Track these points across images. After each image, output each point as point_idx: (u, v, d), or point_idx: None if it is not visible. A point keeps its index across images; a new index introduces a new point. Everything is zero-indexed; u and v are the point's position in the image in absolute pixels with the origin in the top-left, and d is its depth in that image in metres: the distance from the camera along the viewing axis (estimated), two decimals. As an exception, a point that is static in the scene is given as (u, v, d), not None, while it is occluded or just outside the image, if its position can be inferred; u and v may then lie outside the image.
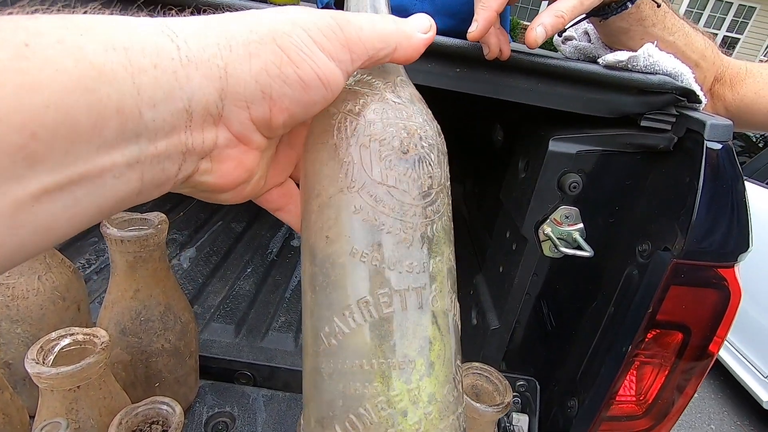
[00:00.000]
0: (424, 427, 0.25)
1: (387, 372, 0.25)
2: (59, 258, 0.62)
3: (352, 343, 0.26)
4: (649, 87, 0.57)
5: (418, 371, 0.26)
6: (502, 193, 0.84)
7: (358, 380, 0.25)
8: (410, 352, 0.25)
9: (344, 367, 0.26)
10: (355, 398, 0.25)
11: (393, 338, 0.25)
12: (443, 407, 0.26)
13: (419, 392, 0.25)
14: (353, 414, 0.25)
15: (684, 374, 0.71)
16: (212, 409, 0.72)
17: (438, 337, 0.27)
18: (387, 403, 0.25)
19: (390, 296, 0.25)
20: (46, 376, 0.45)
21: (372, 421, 0.25)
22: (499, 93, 0.60)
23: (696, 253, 0.57)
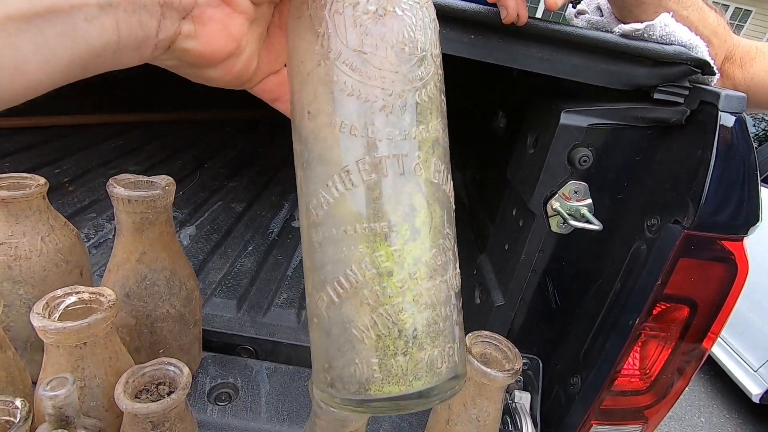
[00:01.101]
0: (408, 286, 0.26)
1: (371, 236, 0.26)
2: (62, 221, 0.61)
3: (337, 211, 0.27)
4: (665, 57, 0.56)
5: (402, 236, 0.26)
6: (509, 171, 0.84)
7: (345, 245, 0.26)
8: (394, 217, 0.26)
9: (332, 234, 0.27)
10: (343, 261, 0.27)
11: (376, 204, 0.26)
12: (429, 270, 0.27)
13: (404, 255, 0.26)
14: (341, 275, 0.27)
15: (685, 356, 0.72)
16: (215, 380, 0.71)
17: (424, 204, 0.27)
18: (372, 264, 0.26)
19: (370, 164, 0.26)
20: (53, 330, 0.44)
21: (358, 280, 0.26)
22: (512, 61, 0.59)
23: (707, 225, 0.57)
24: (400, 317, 0.26)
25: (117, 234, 0.58)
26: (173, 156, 1.54)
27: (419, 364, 0.27)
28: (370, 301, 0.26)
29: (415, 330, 0.26)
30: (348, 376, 0.27)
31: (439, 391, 0.27)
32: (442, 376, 0.27)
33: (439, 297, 0.27)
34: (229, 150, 1.70)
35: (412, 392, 0.27)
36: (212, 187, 1.37)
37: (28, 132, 1.43)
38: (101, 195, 1.17)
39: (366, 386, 0.27)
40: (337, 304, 0.27)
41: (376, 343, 0.26)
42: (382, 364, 0.26)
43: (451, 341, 0.28)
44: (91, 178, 1.26)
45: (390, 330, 0.26)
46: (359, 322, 0.26)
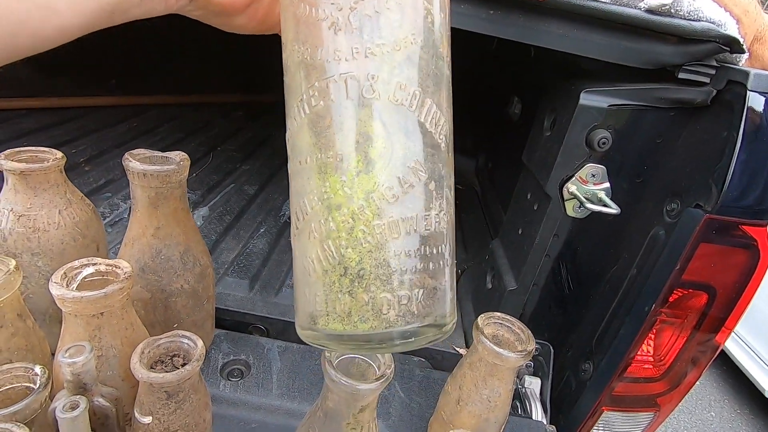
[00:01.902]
0: (355, 222, 0.25)
1: (321, 167, 0.25)
2: (80, 195, 0.61)
3: (297, 142, 0.27)
4: (692, 34, 0.54)
5: (352, 167, 0.25)
6: (525, 154, 0.83)
7: (301, 177, 0.26)
8: (343, 147, 0.25)
9: (295, 166, 0.27)
10: (300, 193, 0.27)
11: (326, 133, 0.25)
12: (382, 207, 0.25)
13: (353, 188, 0.25)
14: (298, 207, 0.27)
15: (700, 345, 0.70)
16: (227, 356, 0.72)
17: (382, 134, 0.25)
18: (319, 196, 0.25)
19: (318, 89, 0.25)
20: (70, 299, 0.45)
21: (308, 213, 0.26)
22: (532, 38, 0.58)
23: (730, 209, 0.56)
24: (345, 254, 0.25)
25: (132, 209, 0.58)
26: (186, 138, 1.55)
27: (364, 306, 0.25)
28: (317, 234, 0.26)
29: (362, 270, 0.25)
30: (301, 307, 0.27)
31: (388, 338, 0.26)
32: (392, 323, 0.25)
33: (394, 237, 0.25)
34: (241, 134, 1.71)
35: (357, 334, 0.25)
36: (225, 169, 1.37)
37: (45, 113, 1.45)
38: (116, 175, 1.19)
39: (314, 319, 0.26)
40: (296, 236, 0.27)
41: (322, 277, 0.26)
42: (327, 299, 0.26)
43: (409, 287, 0.25)
44: (107, 158, 1.27)
45: (334, 266, 0.25)
46: (310, 254, 0.26)
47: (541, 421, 0.74)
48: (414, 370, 0.77)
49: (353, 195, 0.25)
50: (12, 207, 0.55)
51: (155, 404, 0.47)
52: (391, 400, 0.70)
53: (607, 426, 0.75)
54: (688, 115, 0.63)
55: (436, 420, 0.62)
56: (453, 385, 0.58)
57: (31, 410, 0.43)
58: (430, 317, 0.26)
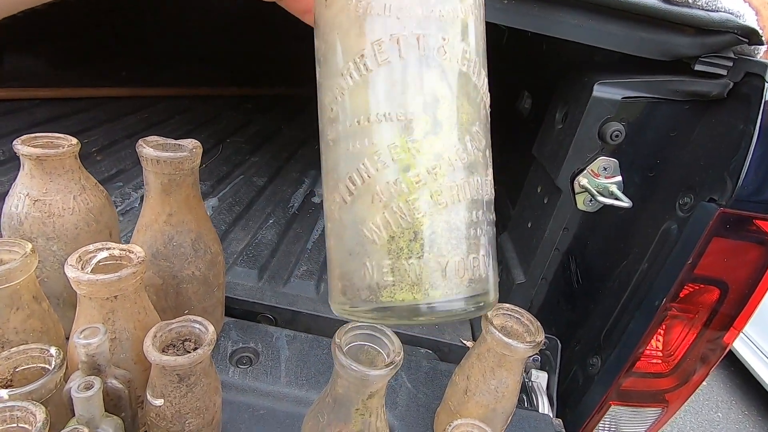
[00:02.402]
0: (425, 182, 0.24)
1: (387, 126, 0.24)
2: (93, 182, 0.62)
3: (352, 101, 0.25)
4: (710, 25, 0.54)
5: (421, 127, 0.24)
6: (536, 147, 0.82)
7: (359, 138, 0.24)
8: (412, 106, 0.24)
9: (345, 128, 0.25)
10: (356, 156, 0.24)
11: (392, 91, 0.24)
12: (451, 167, 0.24)
13: (422, 148, 0.24)
14: (354, 171, 0.25)
15: (710, 343, 0.70)
16: (236, 344, 0.72)
17: (448, 96, 0.24)
18: (386, 156, 0.24)
19: (387, 45, 0.23)
20: (85, 281, 0.45)
21: (371, 175, 0.24)
22: (546, 28, 0.57)
23: (745, 204, 0.55)
24: (416, 216, 0.24)
25: (145, 196, 0.59)
26: (196, 130, 1.56)
27: (436, 271, 0.24)
28: (383, 198, 0.24)
29: (433, 232, 0.24)
30: (359, 280, 0.25)
31: (459, 305, 0.25)
32: (463, 288, 0.24)
33: (462, 199, 0.24)
34: (251, 126, 1.71)
35: (428, 302, 0.24)
36: (235, 161, 1.38)
37: (58, 103, 1.46)
38: (127, 165, 1.20)
39: (377, 292, 0.25)
40: (349, 203, 0.25)
41: (388, 244, 0.24)
42: (394, 267, 0.24)
43: (476, 251, 0.25)
44: (118, 149, 1.28)
45: (404, 230, 0.24)
46: (371, 221, 0.24)
47: (548, 414, 0.74)
48: (421, 362, 0.78)
49: (422, 156, 0.24)
50: (28, 192, 0.56)
51: (167, 387, 0.48)
52: (399, 391, 0.71)
53: (613, 421, 0.75)
54: (703, 108, 0.62)
55: (443, 410, 0.62)
56: (461, 375, 0.58)
57: (47, 390, 0.44)
58: (493, 283, 0.26)
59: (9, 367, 0.46)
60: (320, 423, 0.47)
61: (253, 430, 0.61)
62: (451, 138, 0.24)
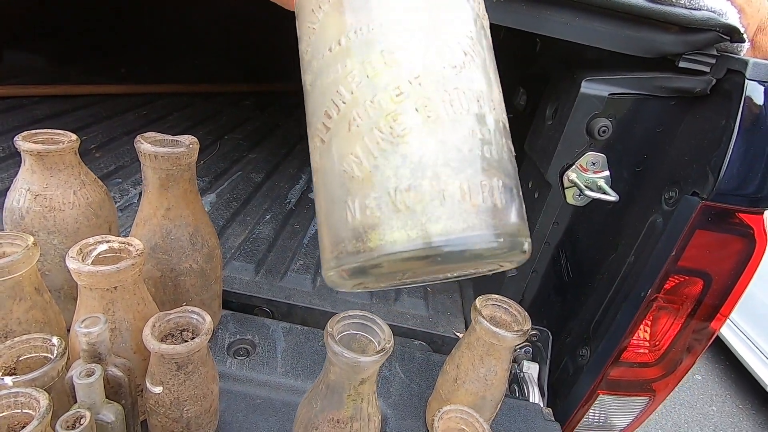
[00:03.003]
0: (408, 93, 0.20)
1: (359, 43, 0.21)
2: (93, 177, 0.64)
3: (322, 33, 0.22)
4: (693, 23, 0.55)
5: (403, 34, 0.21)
6: (527, 143, 0.84)
7: (331, 67, 0.21)
8: (384, 16, 0.21)
9: (320, 63, 0.22)
10: (330, 86, 0.21)
11: (362, 5, 0.21)
12: (437, 74, 0.20)
13: (401, 56, 0.20)
14: (329, 103, 0.21)
15: (695, 333, 0.72)
16: (234, 336, 0.74)
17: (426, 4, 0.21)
18: (361, 74, 0.20)
19: None
20: (86, 273, 0.47)
21: (346, 100, 0.21)
22: (534, 26, 0.59)
23: (727, 197, 0.57)
24: (402, 135, 0.19)
25: (143, 191, 0.60)
26: (194, 127, 1.57)
27: (434, 199, 0.19)
28: (361, 121, 0.20)
29: (425, 153, 0.19)
30: (343, 229, 0.20)
31: (471, 240, 0.19)
32: (473, 219, 0.19)
33: (457, 111, 0.20)
34: (249, 123, 1.72)
35: (427, 240, 0.19)
36: (232, 157, 1.40)
37: (57, 100, 1.47)
38: (126, 161, 1.21)
39: (364, 235, 0.20)
40: (327, 142, 0.21)
41: (373, 174, 0.20)
42: (381, 201, 0.19)
43: (486, 176, 0.20)
44: (117, 145, 1.30)
45: (388, 153, 0.19)
46: (351, 153, 0.20)
47: (538, 403, 0.76)
48: (414, 353, 0.79)
49: (404, 65, 0.20)
50: (29, 186, 0.57)
51: (166, 375, 0.49)
52: (392, 381, 0.73)
53: (602, 410, 0.77)
54: (688, 104, 0.64)
55: (434, 399, 0.64)
56: (451, 364, 0.60)
57: (49, 378, 0.45)
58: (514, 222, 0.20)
59: (12, 356, 0.47)
60: (314, 409, 0.49)
61: (250, 418, 0.62)
62: (438, 41, 0.21)
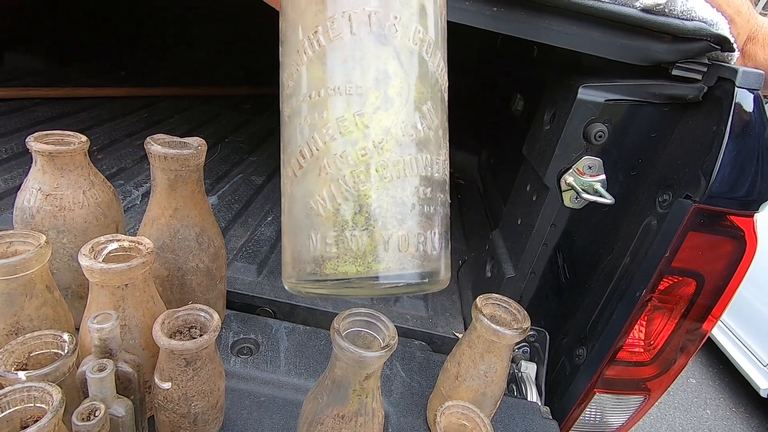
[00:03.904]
0: (372, 156, 0.24)
1: (337, 100, 0.24)
2: (101, 177, 0.65)
3: (306, 77, 0.25)
4: (685, 32, 0.57)
5: (371, 102, 0.24)
6: (525, 147, 0.86)
7: (310, 112, 0.25)
8: (363, 81, 0.24)
9: (299, 103, 0.25)
10: (307, 130, 0.25)
11: (344, 66, 0.24)
12: (398, 143, 0.25)
13: (371, 122, 0.24)
14: (304, 145, 0.25)
15: (688, 333, 0.74)
16: (237, 335, 0.75)
17: (400, 74, 0.25)
18: (335, 130, 0.24)
19: (338, 21, 0.24)
20: (98, 270, 0.48)
21: (319, 148, 0.25)
22: (533, 35, 0.61)
23: (718, 200, 0.59)
24: (361, 189, 0.24)
25: (152, 191, 0.62)
26: (195, 129, 1.58)
27: (380, 244, 0.24)
28: (330, 170, 0.24)
29: (378, 206, 0.24)
30: (305, 253, 0.25)
31: (403, 279, 0.25)
32: (408, 263, 0.25)
33: (409, 174, 0.25)
34: (250, 125, 1.74)
35: (370, 275, 0.24)
36: (233, 160, 1.41)
37: (58, 102, 1.48)
38: (128, 163, 1.22)
39: (322, 263, 0.25)
40: (299, 177, 0.26)
41: (333, 216, 0.24)
42: (339, 239, 0.24)
43: (423, 229, 0.25)
44: (119, 147, 1.31)
45: (349, 202, 0.24)
46: (318, 194, 0.25)
47: (536, 402, 0.77)
48: (415, 353, 0.81)
49: (370, 130, 0.24)
50: (40, 186, 0.58)
51: (174, 371, 0.51)
52: (393, 379, 0.74)
53: (599, 408, 0.78)
54: (681, 110, 0.66)
55: (435, 396, 0.65)
56: (452, 362, 0.61)
57: (61, 373, 0.46)
58: (436, 263, 0.26)
59: (24, 352, 0.48)
60: (319, 404, 0.50)
61: (255, 415, 0.63)
62: (400, 114, 0.25)
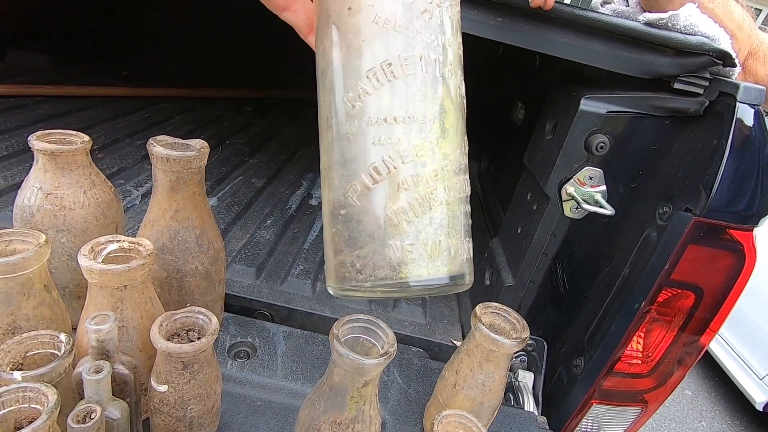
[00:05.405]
0: (440, 176, 0.29)
1: (409, 127, 0.28)
2: (102, 177, 0.65)
3: (375, 101, 0.29)
4: (687, 47, 0.58)
5: (435, 131, 0.29)
6: (527, 157, 0.86)
7: (383, 133, 0.29)
8: (429, 113, 0.29)
9: (369, 124, 0.29)
10: (380, 149, 0.29)
11: (414, 98, 0.29)
12: (455, 166, 0.30)
13: (436, 148, 0.29)
14: (378, 162, 0.29)
15: (686, 346, 0.74)
16: (234, 338, 0.75)
17: (451, 107, 0.30)
18: (410, 152, 0.28)
19: (411, 60, 0.28)
20: (98, 270, 0.48)
21: (396, 166, 0.28)
22: (537, 45, 0.61)
23: (718, 214, 0.59)
24: (433, 204, 0.29)
25: (153, 192, 0.61)
26: (197, 131, 1.58)
27: (444, 251, 0.29)
28: (408, 186, 0.28)
29: (443, 219, 0.29)
30: (380, 259, 0.29)
31: (456, 280, 0.30)
32: (459, 266, 0.30)
33: (462, 193, 0.30)
34: (251, 128, 1.74)
35: (438, 277, 0.29)
36: (234, 162, 1.41)
37: (60, 100, 1.48)
38: (128, 163, 1.22)
39: (398, 269, 0.29)
40: (372, 191, 0.29)
41: (408, 227, 0.29)
42: (415, 245, 0.29)
43: (468, 237, 0.31)
44: (119, 147, 1.30)
45: (423, 215, 0.29)
46: (394, 206, 0.29)
47: (533, 412, 0.77)
48: (413, 360, 0.81)
49: (436, 155, 0.29)
50: (41, 185, 0.58)
51: (171, 374, 0.50)
52: (391, 386, 0.74)
53: (595, 419, 0.78)
54: (682, 123, 0.66)
55: (432, 404, 0.65)
56: (450, 370, 0.61)
57: (57, 374, 0.46)
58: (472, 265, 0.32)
59: (20, 352, 0.48)
60: (316, 410, 0.50)
61: (250, 419, 0.63)
62: (453, 142, 0.30)
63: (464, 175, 0.31)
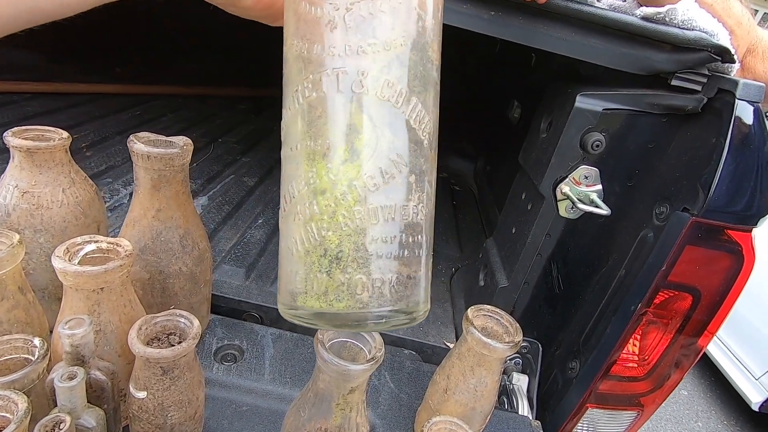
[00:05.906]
0: (337, 207, 0.27)
1: (309, 154, 0.27)
2: (83, 176, 0.63)
3: (290, 130, 0.28)
4: (685, 42, 0.56)
5: (338, 156, 0.26)
6: (521, 156, 0.84)
7: (292, 162, 0.28)
8: (331, 136, 0.26)
9: (286, 151, 0.29)
10: (289, 177, 0.29)
11: (317, 122, 0.27)
12: (363, 194, 0.27)
13: (338, 175, 0.27)
14: (286, 191, 0.29)
15: (683, 348, 0.72)
16: (222, 341, 0.73)
17: (368, 127, 0.26)
18: (306, 181, 0.27)
19: (312, 81, 0.27)
20: (72, 272, 0.46)
21: (294, 196, 0.28)
22: (531, 40, 0.59)
23: (716, 214, 0.57)
24: (325, 236, 0.27)
25: (135, 191, 0.59)
26: (188, 129, 1.56)
27: (340, 286, 0.27)
28: (301, 217, 0.27)
29: (340, 252, 0.27)
30: (283, 285, 0.29)
31: (361, 319, 0.28)
32: (365, 304, 0.27)
33: (372, 223, 0.27)
34: (243, 126, 1.72)
35: (332, 312, 0.27)
36: (225, 160, 1.39)
37: (50, 97, 1.46)
38: (117, 161, 1.20)
39: (294, 297, 0.28)
40: (283, 218, 0.29)
41: (303, 257, 0.27)
42: (306, 278, 0.27)
43: (383, 273, 0.27)
44: (109, 145, 1.28)
45: (315, 247, 0.27)
46: (294, 235, 0.28)
47: (527, 416, 0.75)
48: (404, 363, 0.79)
49: (337, 181, 0.26)
50: (17, 183, 0.56)
51: (150, 379, 0.48)
52: (381, 390, 0.72)
53: (591, 423, 0.77)
54: (679, 121, 0.65)
55: (424, 409, 0.63)
56: (441, 374, 0.59)
57: (29, 380, 0.44)
58: (401, 303, 0.28)
59: (-8, 357, 0.46)
60: (301, 418, 0.48)
61: (235, 426, 0.61)
62: (365, 165, 0.26)
63: (392, 200, 0.27)
